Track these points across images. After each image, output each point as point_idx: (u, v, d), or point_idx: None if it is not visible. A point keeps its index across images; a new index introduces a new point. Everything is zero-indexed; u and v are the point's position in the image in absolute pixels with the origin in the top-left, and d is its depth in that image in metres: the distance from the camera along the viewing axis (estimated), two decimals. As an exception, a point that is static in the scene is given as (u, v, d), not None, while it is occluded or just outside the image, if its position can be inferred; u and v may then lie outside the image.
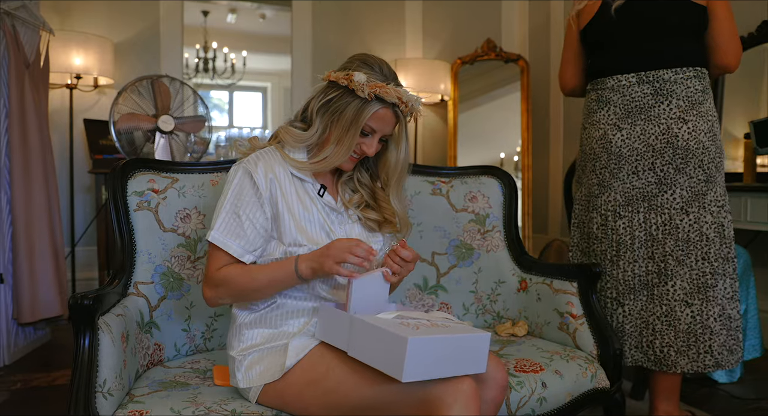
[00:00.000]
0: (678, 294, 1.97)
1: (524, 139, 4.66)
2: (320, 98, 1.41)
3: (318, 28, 4.54)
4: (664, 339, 1.98)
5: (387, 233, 1.54)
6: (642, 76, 2.00)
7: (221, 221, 1.35)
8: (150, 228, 1.67)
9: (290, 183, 1.42)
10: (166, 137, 2.94)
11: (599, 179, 2.09)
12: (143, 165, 1.73)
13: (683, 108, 1.96)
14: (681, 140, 1.95)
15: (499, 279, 2.05)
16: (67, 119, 3.75)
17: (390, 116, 1.39)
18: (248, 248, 1.36)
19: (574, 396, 1.64)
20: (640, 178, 2.01)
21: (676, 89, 1.97)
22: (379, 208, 1.51)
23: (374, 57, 1.43)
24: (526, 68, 4.68)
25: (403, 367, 1.10)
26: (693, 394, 2.50)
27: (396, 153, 1.48)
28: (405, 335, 1.11)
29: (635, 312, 2.02)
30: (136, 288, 1.61)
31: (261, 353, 1.37)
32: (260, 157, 1.41)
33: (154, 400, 1.32)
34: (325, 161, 1.40)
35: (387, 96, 1.34)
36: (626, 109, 2.02)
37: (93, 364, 1.23)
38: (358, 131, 1.37)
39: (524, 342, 1.86)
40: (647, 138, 1.99)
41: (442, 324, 1.27)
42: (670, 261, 1.98)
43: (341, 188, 1.51)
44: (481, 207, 2.10)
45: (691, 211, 1.96)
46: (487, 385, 1.30)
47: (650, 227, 2.01)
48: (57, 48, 3.45)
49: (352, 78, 1.34)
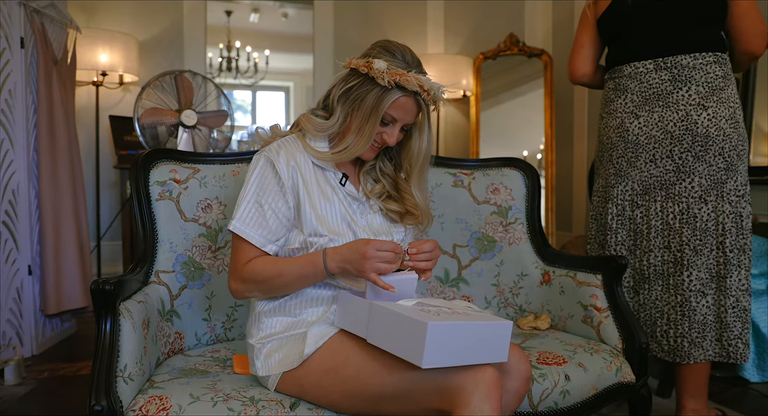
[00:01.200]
0: (694, 285, 1.93)
1: (547, 135, 4.61)
2: (341, 86, 1.38)
3: (340, 26, 4.54)
4: (678, 329, 1.95)
5: (408, 225, 1.51)
6: (659, 62, 1.96)
7: (243, 211, 1.34)
8: (171, 218, 1.68)
9: (311, 172, 1.40)
10: (189, 131, 2.96)
11: (616, 168, 2.05)
12: (165, 156, 1.74)
13: (703, 94, 1.91)
14: (701, 126, 1.90)
15: (521, 272, 2.03)
16: (93, 115, 3.80)
17: (411, 104, 1.35)
18: (270, 238, 1.35)
19: (599, 390, 1.61)
20: (657, 166, 1.97)
21: (695, 75, 1.92)
22: (401, 199, 1.48)
23: (397, 43, 1.39)
24: (550, 63, 4.63)
25: (423, 353, 1.08)
26: (723, 393, 2.45)
27: (419, 143, 1.44)
28: (425, 320, 1.09)
29: (650, 302, 1.98)
30: (157, 277, 1.62)
31: (280, 341, 1.37)
32: (282, 145, 1.39)
33: (174, 386, 1.33)
34: (345, 151, 1.37)
35: (408, 84, 1.30)
36: (643, 96, 1.98)
37: (114, 349, 1.24)
38: (378, 119, 1.34)
39: (547, 335, 1.83)
40: (665, 125, 1.94)
41: (463, 311, 1.25)
42: (686, 251, 1.94)
43: (363, 178, 1.49)
44: (503, 199, 2.08)
45: (709, 200, 1.92)
46: (510, 376, 1.28)
47: (667, 216, 1.97)
48: (83, 45, 3.50)
49: (371, 65, 1.31)
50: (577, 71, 2.21)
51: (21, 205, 2.72)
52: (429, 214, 1.52)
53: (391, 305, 1.22)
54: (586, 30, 2.17)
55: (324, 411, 1.30)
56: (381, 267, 1.23)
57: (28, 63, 2.75)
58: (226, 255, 1.73)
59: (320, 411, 1.30)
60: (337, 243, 1.36)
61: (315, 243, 1.36)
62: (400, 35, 4.69)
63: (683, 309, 1.95)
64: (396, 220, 1.48)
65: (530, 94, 4.78)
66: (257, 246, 1.34)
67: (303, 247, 1.37)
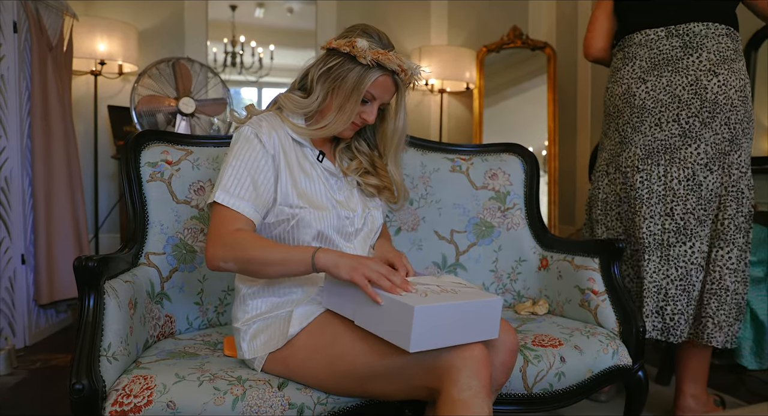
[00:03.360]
0: (696, 257, 1.89)
1: (550, 129, 4.58)
2: (320, 66, 1.40)
3: (343, 22, 4.50)
4: (677, 305, 1.91)
5: (384, 199, 1.54)
6: (672, 29, 1.93)
7: (229, 182, 1.30)
8: (163, 199, 1.66)
9: (291, 147, 1.41)
10: (187, 119, 2.94)
11: (621, 136, 2.01)
12: (157, 137, 1.72)
13: (714, 61, 1.88)
14: (710, 92, 1.87)
15: (519, 257, 2.00)
16: (91, 105, 3.77)
17: (390, 83, 1.39)
18: (259, 208, 1.33)
19: (594, 373, 1.58)
20: (662, 130, 1.93)
21: (707, 43, 1.89)
22: (378, 175, 1.52)
23: (373, 27, 1.42)
24: (553, 56, 4.59)
25: (410, 337, 1.06)
26: (722, 380, 2.44)
27: (394, 122, 1.49)
28: (411, 303, 1.06)
29: (647, 276, 1.93)
30: (147, 258, 1.59)
31: (265, 322, 1.35)
32: (263, 118, 1.39)
33: (160, 367, 1.30)
34: (325, 129, 1.39)
35: (388, 63, 1.34)
36: (653, 62, 1.95)
37: (97, 327, 1.21)
38: (360, 97, 1.37)
39: (544, 320, 1.80)
40: (674, 89, 1.90)
41: (452, 289, 1.22)
42: (690, 220, 1.89)
43: (339, 156, 1.51)
44: (501, 184, 2.05)
45: (714, 169, 1.88)
46: (496, 349, 1.26)
47: (671, 181, 1.92)
48: (81, 34, 3.47)
49: (354, 44, 1.34)
50: (594, 46, 2.15)
51: (14, 193, 2.68)
52: (405, 190, 1.56)
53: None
54: (603, 6, 2.12)
55: (312, 390, 1.28)
56: (373, 276, 1.16)
57: (21, 48, 2.71)
58: (219, 238, 1.71)
59: (309, 390, 1.28)
60: (315, 216, 1.36)
61: (296, 215, 1.35)
62: (403, 28, 4.65)
63: (683, 283, 1.90)
64: (374, 194, 1.52)
65: (534, 90, 4.75)
66: (247, 216, 1.30)
67: (281, 219, 1.36)
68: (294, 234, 1.37)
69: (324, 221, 1.38)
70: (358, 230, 1.46)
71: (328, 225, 1.39)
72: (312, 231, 1.37)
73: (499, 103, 4.80)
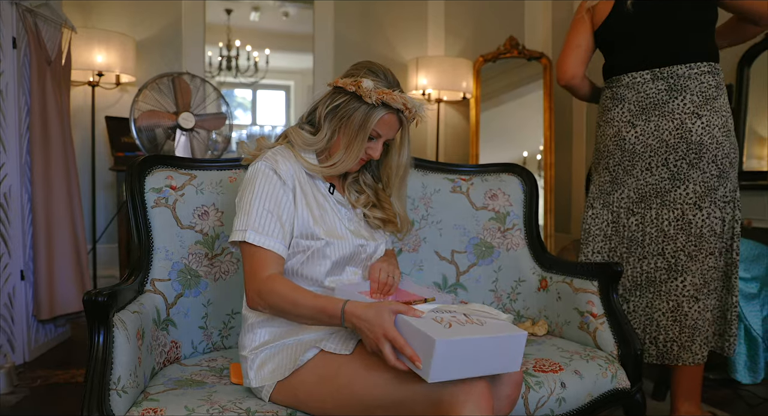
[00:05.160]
0: (687, 290, 1.96)
1: (546, 137, 4.61)
2: (327, 104, 1.44)
3: (340, 26, 4.52)
4: (669, 334, 1.98)
5: (389, 231, 1.60)
6: (656, 72, 2.00)
7: (257, 219, 1.33)
8: (167, 225, 1.67)
9: (305, 179, 1.44)
10: (187, 134, 2.95)
11: (612, 176, 2.07)
12: (161, 162, 1.73)
13: (697, 103, 1.95)
14: (695, 134, 1.94)
15: (519, 278, 2.02)
16: (89, 116, 3.78)
17: (394, 121, 1.43)
18: (286, 243, 1.36)
19: (594, 397, 1.61)
20: (653, 174, 2.00)
21: (690, 84, 1.96)
22: (382, 208, 1.56)
23: (379, 64, 1.46)
24: (549, 66, 4.62)
25: (430, 368, 1.07)
26: (715, 395, 2.47)
27: (398, 157, 1.53)
28: (434, 336, 1.07)
29: (640, 309, 2.01)
30: (152, 285, 1.60)
31: (272, 350, 1.37)
32: (277, 153, 1.42)
33: (169, 398, 1.31)
34: (335, 167, 1.44)
35: (393, 102, 1.38)
36: (640, 105, 2.01)
37: (107, 361, 1.23)
38: (366, 136, 1.41)
39: (544, 341, 1.82)
40: (661, 134, 1.98)
41: (478, 319, 1.20)
42: (681, 256, 1.97)
43: (347, 189, 1.56)
44: (501, 205, 2.07)
45: (703, 206, 1.96)
46: (502, 382, 1.28)
47: (662, 223, 1.99)
48: (79, 45, 3.48)
49: (360, 84, 1.37)
50: (568, 71, 2.19)
51: (13, 209, 2.68)
52: (407, 220, 1.61)
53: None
54: (582, 33, 2.16)
55: (320, 422, 1.29)
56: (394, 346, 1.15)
57: (20, 64, 2.71)
58: (223, 262, 1.72)
59: (316, 422, 1.29)
60: (335, 246, 1.41)
61: (310, 247, 1.39)
62: (400, 36, 4.67)
63: (675, 315, 1.98)
64: (379, 226, 1.57)
65: (530, 95, 4.79)
66: (278, 253, 1.34)
67: (296, 251, 1.39)
68: (307, 266, 1.40)
69: (342, 250, 1.42)
70: (369, 257, 1.51)
71: (344, 255, 1.43)
72: (328, 263, 1.40)
73: (494, 107, 4.83)
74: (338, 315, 1.22)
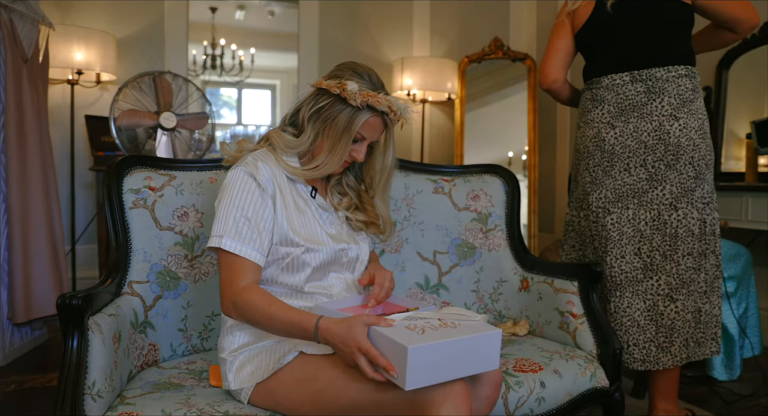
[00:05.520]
0: (662, 289, 1.98)
1: (531, 138, 4.62)
2: (311, 105, 1.42)
3: (325, 26, 4.51)
4: (647, 334, 1.99)
5: (372, 233, 1.58)
6: (635, 74, 2.01)
7: (231, 226, 1.31)
8: (146, 226, 1.65)
9: (285, 184, 1.42)
10: (168, 134, 2.92)
11: (592, 176, 2.09)
12: (140, 162, 1.71)
13: (675, 105, 1.98)
14: (672, 136, 1.96)
15: (500, 278, 2.03)
16: (68, 115, 3.72)
17: (379, 123, 1.42)
18: (263, 251, 1.34)
19: (573, 396, 1.62)
20: (631, 174, 2.01)
21: (668, 87, 1.98)
22: (365, 210, 1.55)
23: (363, 66, 1.44)
24: (534, 67, 4.64)
25: (405, 376, 1.06)
26: (693, 392, 2.51)
27: (382, 159, 1.52)
28: (405, 343, 1.06)
29: (621, 310, 2.01)
30: (130, 288, 1.58)
31: (252, 352, 1.36)
32: (257, 158, 1.40)
33: (145, 402, 1.30)
34: (319, 169, 1.42)
35: (378, 105, 1.37)
36: (620, 107, 2.03)
37: (81, 365, 1.21)
38: (351, 138, 1.39)
39: (525, 341, 1.83)
40: (640, 135, 2.00)
41: (452, 322, 1.21)
42: (656, 256, 1.99)
43: (330, 192, 1.54)
44: (483, 206, 2.07)
45: (679, 207, 1.97)
46: (482, 383, 1.29)
47: (638, 223, 2.01)
48: (58, 43, 3.42)
49: (345, 87, 1.36)
50: (550, 75, 2.21)
51: (-12, 209, 2.63)
52: (390, 222, 1.60)
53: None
54: (563, 37, 2.18)
55: (299, 425, 1.28)
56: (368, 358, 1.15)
57: (-5, 62, 2.66)
58: (203, 264, 1.71)
59: (295, 425, 1.28)
60: (314, 252, 1.39)
61: (290, 254, 1.37)
62: (385, 36, 4.66)
63: (651, 314, 1.99)
64: (361, 229, 1.55)
65: (515, 96, 4.80)
66: (254, 262, 1.32)
67: (275, 259, 1.38)
68: (286, 273, 1.39)
69: (320, 256, 1.40)
70: (351, 261, 1.49)
71: (324, 260, 1.41)
72: (308, 269, 1.39)
73: (479, 108, 4.84)
74: (311, 330, 1.20)
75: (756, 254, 3.00)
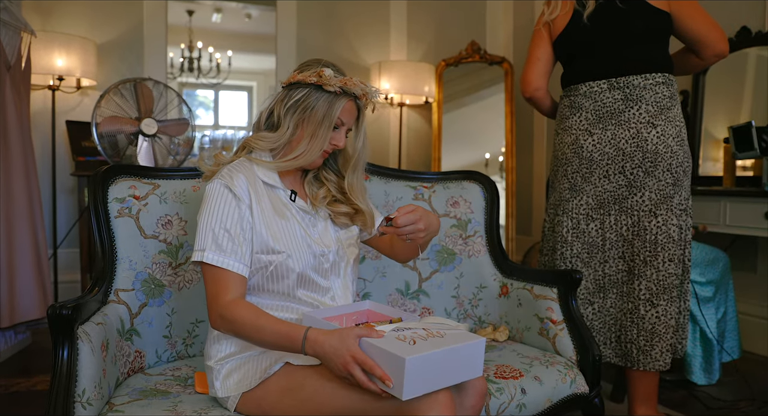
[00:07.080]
0: (643, 294, 2.02)
1: (508, 141, 4.68)
2: (285, 101, 1.45)
3: (302, 29, 4.54)
4: (628, 335, 2.04)
5: (360, 224, 1.58)
6: (613, 82, 2.05)
7: (212, 240, 1.33)
8: (131, 235, 1.67)
9: (263, 192, 1.43)
10: (149, 140, 2.93)
11: (571, 183, 2.12)
12: (124, 171, 1.73)
13: (652, 113, 2.01)
14: (650, 143, 2.00)
15: (480, 284, 2.07)
16: (49, 120, 3.72)
17: (353, 107, 1.47)
18: (246, 261, 1.36)
19: (554, 402, 1.65)
20: (611, 181, 2.05)
21: (645, 95, 2.02)
22: (347, 201, 1.56)
23: (326, 60, 1.48)
24: (510, 70, 4.70)
25: (403, 386, 1.09)
26: (672, 397, 2.53)
27: (353, 143, 1.54)
28: (402, 355, 1.09)
29: (605, 309, 2.06)
30: (116, 296, 1.60)
31: (239, 361, 1.38)
32: (233, 169, 1.41)
33: (133, 409, 1.32)
34: (299, 158, 1.44)
35: (354, 88, 1.42)
36: (597, 114, 2.06)
37: (72, 375, 1.23)
38: (332, 124, 1.43)
39: (505, 347, 1.87)
40: (617, 142, 2.03)
41: (437, 332, 1.24)
42: (637, 261, 2.03)
43: (308, 187, 1.56)
44: (463, 212, 2.11)
45: (659, 213, 2.02)
46: (467, 392, 1.31)
47: (621, 228, 2.06)
48: (39, 49, 3.42)
49: (322, 73, 1.40)
50: (532, 83, 2.26)
51: (-29, 216, 2.63)
52: (371, 213, 1.60)
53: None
54: (542, 46, 2.23)
55: (285, 432, 1.31)
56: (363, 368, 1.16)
57: (-21, 70, 2.66)
58: (187, 271, 1.73)
59: (281, 432, 1.31)
60: (296, 258, 1.40)
61: (273, 262, 1.39)
62: (363, 38, 4.70)
63: (632, 317, 2.04)
64: (347, 223, 1.57)
65: (492, 98, 4.85)
66: (238, 273, 1.34)
67: (258, 268, 1.39)
68: (272, 281, 1.41)
69: (302, 261, 1.41)
70: (334, 265, 1.50)
71: (306, 265, 1.42)
72: (293, 276, 1.40)
73: (456, 109, 4.88)
74: (299, 340, 1.21)
75: (734, 259, 3.04)
